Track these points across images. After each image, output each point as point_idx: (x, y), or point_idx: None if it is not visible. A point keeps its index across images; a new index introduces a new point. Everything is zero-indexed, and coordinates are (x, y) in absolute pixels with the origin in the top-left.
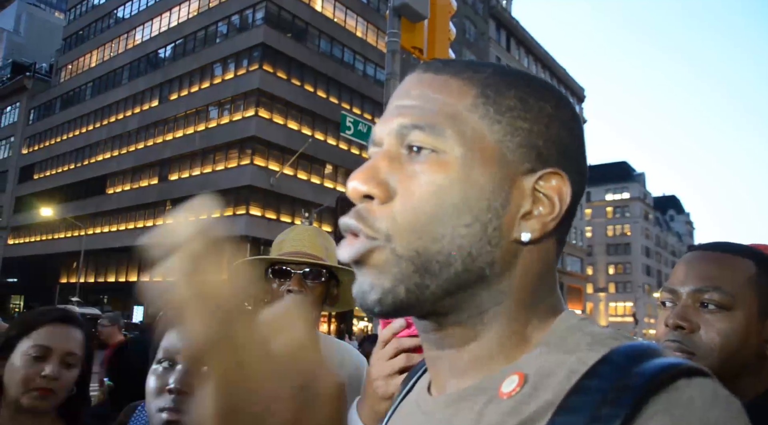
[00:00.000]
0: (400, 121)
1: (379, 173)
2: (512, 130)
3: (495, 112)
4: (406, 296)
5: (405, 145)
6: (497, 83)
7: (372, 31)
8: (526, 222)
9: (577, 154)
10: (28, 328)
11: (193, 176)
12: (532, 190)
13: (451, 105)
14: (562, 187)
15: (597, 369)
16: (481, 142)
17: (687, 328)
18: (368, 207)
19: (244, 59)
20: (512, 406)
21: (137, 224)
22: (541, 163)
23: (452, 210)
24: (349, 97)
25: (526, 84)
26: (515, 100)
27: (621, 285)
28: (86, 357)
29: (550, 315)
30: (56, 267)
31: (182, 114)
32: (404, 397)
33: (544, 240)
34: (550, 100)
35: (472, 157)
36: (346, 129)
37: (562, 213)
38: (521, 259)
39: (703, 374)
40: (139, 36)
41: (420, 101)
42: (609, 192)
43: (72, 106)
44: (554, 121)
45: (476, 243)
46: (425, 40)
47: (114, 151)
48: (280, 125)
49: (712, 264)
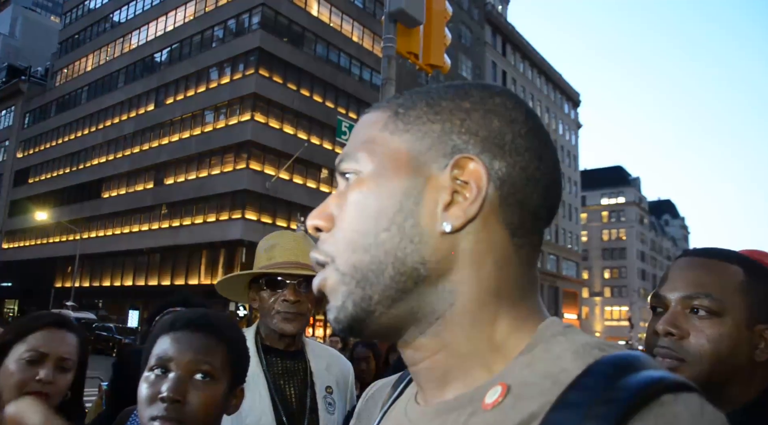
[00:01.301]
0: (337, 160)
1: (327, 208)
2: (421, 135)
3: (403, 124)
4: (354, 310)
5: (342, 177)
6: (409, 101)
7: (368, 36)
8: (448, 212)
9: (510, 137)
10: (22, 333)
11: (189, 180)
12: (452, 181)
13: (368, 133)
14: (479, 169)
15: (581, 381)
16: (392, 155)
17: (677, 335)
18: (320, 237)
19: (240, 63)
20: (495, 418)
21: (132, 228)
22: (457, 154)
23: (371, 219)
24: (345, 102)
25: (443, 91)
26: (424, 108)
27: (616, 289)
28: (81, 361)
29: (529, 321)
30: (51, 272)
31: (178, 118)
32: (393, 403)
33: (479, 228)
34: (470, 96)
35: (382, 169)
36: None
37: (482, 195)
38: (461, 253)
39: (689, 389)
40: (135, 40)
41: (351, 140)
42: (604, 196)
43: (67, 110)
44: (472, 113)
45: (399, 244)
46: (421, 45)
47: (109, 155)
48: (276, 129)
49: (702, 271)
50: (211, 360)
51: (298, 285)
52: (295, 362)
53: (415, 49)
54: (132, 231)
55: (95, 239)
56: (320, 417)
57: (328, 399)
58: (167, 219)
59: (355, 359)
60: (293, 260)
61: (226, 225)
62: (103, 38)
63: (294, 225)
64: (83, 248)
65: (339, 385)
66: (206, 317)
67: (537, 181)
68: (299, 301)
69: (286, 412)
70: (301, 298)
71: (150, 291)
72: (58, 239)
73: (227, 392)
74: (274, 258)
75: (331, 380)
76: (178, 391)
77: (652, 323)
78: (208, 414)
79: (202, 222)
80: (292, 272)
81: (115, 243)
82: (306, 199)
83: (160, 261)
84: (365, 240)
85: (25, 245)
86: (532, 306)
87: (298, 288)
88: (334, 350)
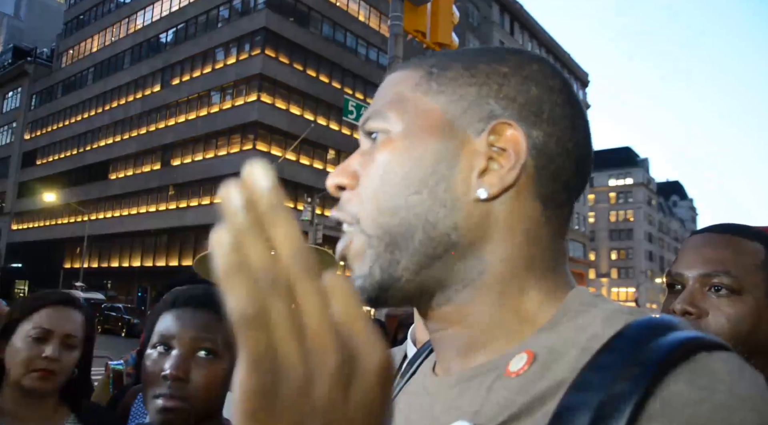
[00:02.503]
0: (362, 118)
1: (350, 166)
2: (457, 98)
3: (438, 85)
4: (380, 275)
5: (368, 137)
6: (443, 61)
7: (374, 15)
8: (483, 179)
9: (548, 105)
10: (29, 311)
11: (196, 161)
12: (488, 147)
13: (398, 91)
14: (517, 136)
15: (612, 344)
16: (424, 115)
17: (695, 314)
18: (343, 196)
19: (246, 44)
20: (521, 384)
21: (140, 209)
22: (495, 120)
23: (400, 181)
24: (352, 82)
25: (480, 54)
26: (460, 70)
27: (623, 270)
28: (87, 340)
29: (558, 292)
30: (60, 253)
31: (184, 99)
32: (409, 378)
33: (513, 197)
34: (507, 61)
35: (414, 130)
36: (349, 113)
37: (521, 162)
38: (493, 221)
39: (724, 348)
40: (140, 20)
41: (376, 99)
42: (612, 177)
43: (74, 91)
44: (510, 78)
45: (429, 208)
46: (428, 23)
47: (116, 136)
48: (282, 110)
49: (720, 248)
50: (214, 337)
51: None
52: None
53: (422, 27)
54: (140, 213)
55: (103, 220)
56: None
57: None
58: (174, 200)
59: None
60: None
61: None
62: (108, 18)
63: (301, 206)
64: (91, 229)
65: None
66: (208, 294)
67: (571, 152)
68: None
69: None
70: None
71: (158, 272)
72: (66, 220)
73: (231, 369)
74: None
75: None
76: (180, 369)
77: (668, 301)
78: (211, 391)
79: (209, 203)
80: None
81: (123, 224)
82: (312, 179)
83: (168, 242)
84: (394, 202)
85: (34, 226)
86: (560, 278)
87: None
88: None
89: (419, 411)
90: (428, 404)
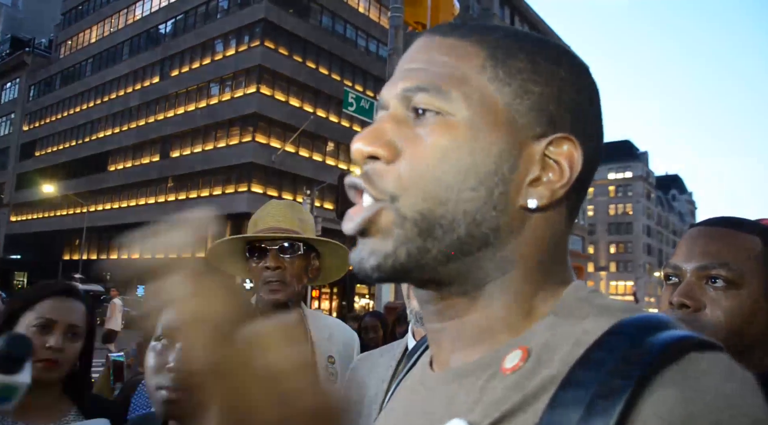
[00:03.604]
0: (406, 83)
1: (384, 134)
2: (522, 94)
3: (504, 75)
4: (406, 259)
5: (411, 107)
6: (507, 45)
7: (374, 6)
8: (534, 188)
9: (592, 120)
10: (31, 301)
11: (195, 153)
12: (542, 155)
13: (459, 67)
14: (574, 152)
15: (604, 340)
16: (490, 105)
17: (692, 307)
18: (374, 167)
19: (245, 35)
20: (515, 381)
21: (139, 201)
22: (552, 127)
23: (458, 173)
24: (352, 74)
25: (538, 47)
26: (526, 63)
27: (622, 264)
28: (89, 331)
29: (561, 288)
30: (59, 244)
31: (183, 90)
32: (406, 373)
33: (552, 209)
34: (563, 64)
35: (480, 119)
36: (349, 105)
37: (573, 180)
38: (528, 228)
39: (715, 347)
40: (139, 11)
41: (426, 64)
42: (611, 171)
43: (72, 82)
44: (567, 86)
45: (481, 208)
46: (429, 14)
47: (115, 127)
48: (281, 102)
49: (718, 241)
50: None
51: (281, 251)
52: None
53: (422, 18)
54: (138, 204)
55: (102, 212)
56: None
57: (330, 369)
58: (173, 192)
59: (363, 328)
60: (273, 226)
61: (233, 198)
62: (107, 9)
63: (300, 198)
64: (90, 221)
65: (342, 355)
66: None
67: (596, 164)
68: (281, 268)
69: None
70: (282, 265)
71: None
72: (65, 212)
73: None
74: (258, 227)
75: (333, 349)
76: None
77: (666, 293)
78: None
79: (208, 195)
80: (271, 236)
81: (122, 216)
82: (312, 171)
83: None
84: (444, 192)
85: (33, 218)
86: (564, 275)
87: (282, 255)
88: (337, 320)
89: (416, 407)
90: (425, 399)
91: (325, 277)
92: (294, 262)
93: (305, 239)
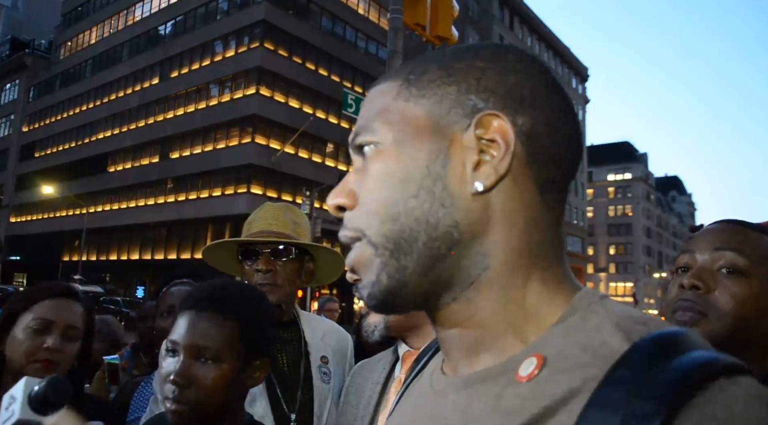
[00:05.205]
0: (351, 135)
1: (347, 185)
2: (438, 99)
3: (417, 89)
4: (389, 282)
5: (359, 153)
6: (419, 66)
7: (374, 8)
8: (478, 172)
9: (531, 93)
10: (29, 302)
11: (195, 154)
12: (477, 140)
13: (380, 102)
14: (504, 125)
15: (628, 358)
16: (410, 120)
17: (702, 289)
18: (346, 216)
19: (245, 36)
20: (531, 390)
21: (139, 202)
22: (477, 113)
23: (397, 187)
24: (351, 76)
25: (454, 52)
26: (437, 72)
27: (622, 265)
28: (87, 332)
29: (562, 288)
30: (59, 245)
31: (183, 92)
32: (415, 377)
33: (510, 185)
34: (481, 55)
35: (403, 136)
36: (348, 107)
37: (511, 151)
38: (494, 213)
39: (742, 371)
40: (138, 12)
41: (363, 113)
42: (611, 172)
43: (72, 84)
44: (488, 72)
45: (429, 209)
46: (428, 16)
47: (115, 129)
48: (281, 103)
49: (733, 233)
50: (212, 343)
51: (273, 254)
52: (288, 332)
53: (422, 20)
54: (138, 206)
55: (102, 213)
56: (315, 386)
57: (323, 369)
58: (173, 194)
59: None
60: (266, 229)
61: (232, 199)
62: (107, 10)
63: (299, 199)
64: (90, 222)
65: (335, 355)
66: (213, 296)
67: (560, 134)
68: (272, 271)
69: (279, 380)
70: (273, 268)
71: (156, 265)
72: (65, 213)
73: (240, 368)
74: (252, 230)
75: (326, 350)
76: (182, 376)
77: (677, 280)
78: (213, 395)
79: (207, 196)
80: (262, 240)
81: (122, 217)
82: (312, 173)
83: (167, 236)
84: (394, 209)
85: (33, 219)
86: (561, 272)
87: (274, 258)
88: (330, 321)
89: (428, 412)
90: (437, 405)
91: (320, 279)
92: (286, 265)
93: (295, 244)
